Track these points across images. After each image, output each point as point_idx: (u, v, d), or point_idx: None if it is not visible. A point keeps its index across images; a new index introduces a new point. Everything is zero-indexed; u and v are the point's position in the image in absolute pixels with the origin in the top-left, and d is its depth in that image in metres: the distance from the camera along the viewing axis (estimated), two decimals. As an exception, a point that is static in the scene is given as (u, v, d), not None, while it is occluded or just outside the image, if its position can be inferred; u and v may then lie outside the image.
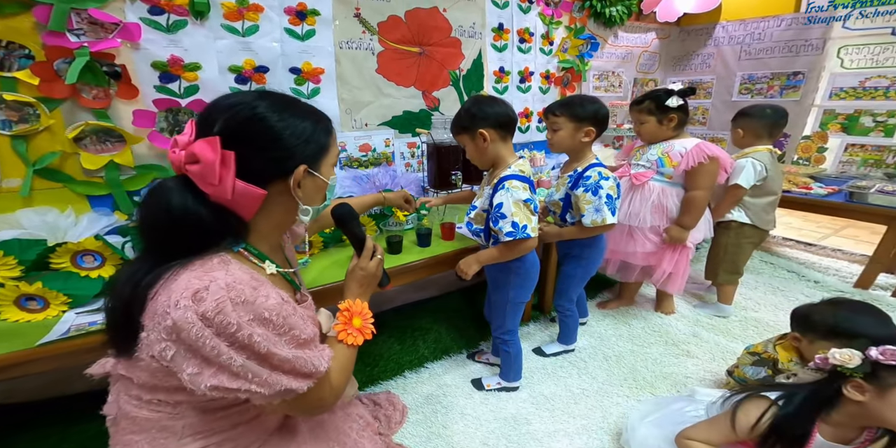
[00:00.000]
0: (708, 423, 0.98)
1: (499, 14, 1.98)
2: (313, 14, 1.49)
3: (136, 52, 1.27)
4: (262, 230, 0.65)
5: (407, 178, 1.89)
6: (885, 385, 0.72)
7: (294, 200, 0.63)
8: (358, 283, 0.81)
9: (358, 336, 0.73)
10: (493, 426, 1.30)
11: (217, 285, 0.50)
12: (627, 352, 1.63)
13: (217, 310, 0.49)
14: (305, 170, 0.61)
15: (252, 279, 0.55)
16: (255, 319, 0.52)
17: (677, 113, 1.48)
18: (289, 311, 0.57)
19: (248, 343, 0.51)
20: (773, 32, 2.56)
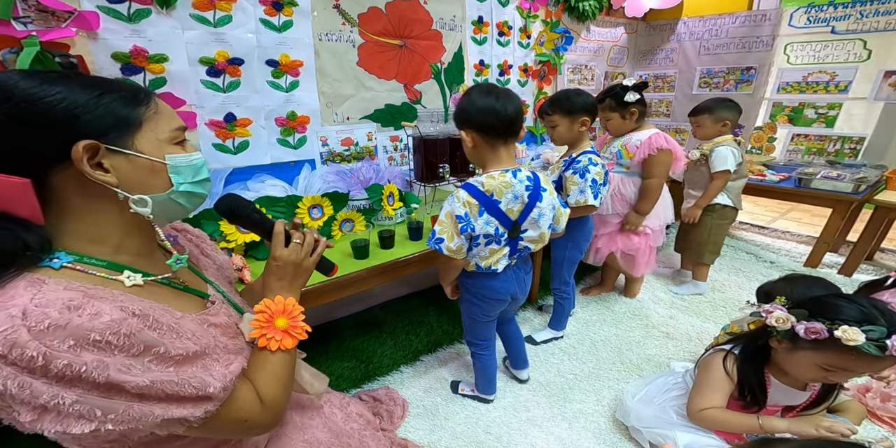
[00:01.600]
0: (703, 389, 1.05)
1: (478, 7, 1.94)
2: (290, 5, 1.40)
3: (93, 43, 1.14)
4: (91, 234, 0.51)
5: (391, 172, 1.84)
6: (796, 347, 0.90)
7: (109, 189, 0.49)
8: (275, 276, 0.67)
9: (285, 338, 0.61)
10: (494, 415, 1.32)
11: (6, 314, 0.39)
12: (612, 336, 1.70)
13: (9, 343, 0.38)
14: (94, 146, 0.47)
15: (74, 298, 0.43)
16: (78, 345, 0.41)
17: (637, 106, 1.56)
18: (138, 327, 0.45)
19: (74, 374, 0.40)
20: (729, 29, 2.67)
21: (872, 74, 2.37)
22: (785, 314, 0.89)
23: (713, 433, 1.04)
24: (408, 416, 1.31)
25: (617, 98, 1.57)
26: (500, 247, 1.06)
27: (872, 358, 0.78)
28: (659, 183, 1.62)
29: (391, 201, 1.57)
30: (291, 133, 1.55)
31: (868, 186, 2.01)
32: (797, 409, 1.01)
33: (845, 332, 0.79)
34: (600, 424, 1.28)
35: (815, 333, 0.83)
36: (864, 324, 0.80)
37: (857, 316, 0.82)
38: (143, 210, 0.51)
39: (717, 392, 1.03)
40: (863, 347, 0.78)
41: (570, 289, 1.63)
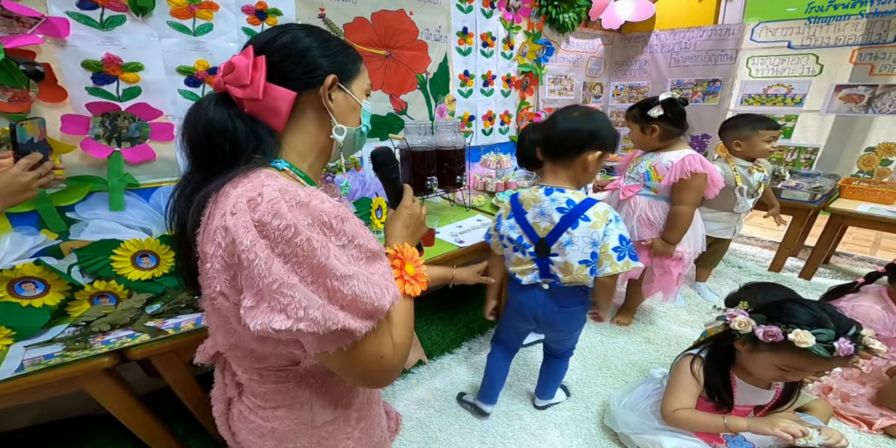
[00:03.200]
0: (673, 391, 1.11)
1: (463, 18, 1.95)
2: (274, 14, 1.35)
3: (62, 50, 1.06)
4: (300, 149, 0.62)
5: (377, 184, 1.82)
6: (756, 349, 0.96)
7: (326, 117, 0.61)
8: (403, 223, 0.73)
9: (415, 284, 0.63)
10: (487, 425, 1.34)
11: (270, 189, 0.46)
12: (597, 342, 1.75)
13: (273, 211, 0.44)
14: (335, 80, 0.60)
15: (303, 186, 0.51)
16: (314, 223, 0.46)
17: (660, 124, 1.45)
18: (348, 215, 0.50)
19: (307, 252, 0.44)
20: (697, 42, 2.80)
21: (825, 88, 2.54)
22: (746, 318, 0.95)
23: (696, 436, 1.09)
24: (401, 429, 1.30)
25: (642, 109, 1.47)
26: (526, 258, 1.10)
27: (823, 358, 0.86)
28: (690, 211, 1.47)
29: (379, 214, 1.55)
30: (276, 144, 1.50)
31: (823, 195, 2.16)
32: (765, 409, 1.08)
33: (797, 335, 0.86)
34: (590, 430, 1.31)
35: (772, 336, 0.90)
36: (814, 327, 0.87)
37: (809, 320, 0.89)
38: (339, 137, 0.62)
39: (686, 394, 1.08)
40: (813, 349, 0.85)
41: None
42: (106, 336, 1.01)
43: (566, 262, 1.03)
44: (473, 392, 1.47)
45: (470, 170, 2.00)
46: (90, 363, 0.93)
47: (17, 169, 0.81)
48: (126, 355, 0.97)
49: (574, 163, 1.01)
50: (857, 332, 0.87)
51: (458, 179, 1.73)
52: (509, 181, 2.13)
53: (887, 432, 1.26)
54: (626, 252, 1.01)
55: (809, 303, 0.93)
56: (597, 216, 1.00)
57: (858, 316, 1.37)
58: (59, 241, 1.14)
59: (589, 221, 0.99)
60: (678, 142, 1.53)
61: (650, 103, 1.46)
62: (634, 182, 1.61)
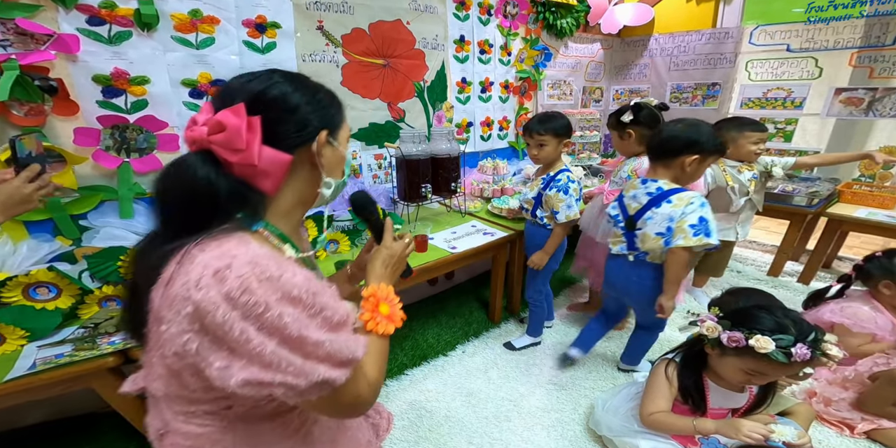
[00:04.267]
0: (650, 395, 1.15)
1: (460, 26, 1.99)
2: (274, 27, 1.41)
3: (73, 65, 1.13)
4: (284, 208, 0.61)
5: (375, 191, 1.87)
6: (724, 354, 1.00)
7: (316, 172, 0.60)
8: (383, 263, 0.74)
9: (388, 324, 0.66)
10: (476, 426, 1.37)
11: (239, 261, 0.46)
12: (588, 345, 1.77)
13: (242, 288, 0.44)
14: (327, 135, 0.59)
15: (275, 258, 0.51)
16: (283, 298, 0.47)
17: (634, 128, 1.49)
18: (318, 289, 0.51)
19: (279, 325, 0.46)
20: (696, 46, 2.81)
21: (824, 91, 2.53)
22: (714, 324, 1.00)
23: (672, 439, 1.12)
24: (393, 429, 1.34)
25: (617, 116, 1.53)
26: (618, 231, 1.35)
27: (782, 363, 0.89)
28: None
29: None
30: (276, 152, 1.55)
31: (821, 200, 2.16)
32: (740, 412, 1.10)
33: (758, 340, 0.90)
34: (576, 432, 1.34)
35: (735, 342, 0.94)
36: (776, 333, 0.91)
37: (772, 326, 0.92)
38: (327, 191, 0.62)
39: (661, 397, 1.12)
40: (771, 354, 0.89)
41: (545, 297, 1.71)
42: (112, 337, 1.07)
43: (644, 233, 1.26)
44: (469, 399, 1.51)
45: (467, 176, 2.04)
46: (97, 362, 0.99)
47: (17, 181, 0.86)
48: (129, 355, 1.03)
49: (673, 164, 1.21)
50: (817, 338, 0.90)
51: (452, 186, 1.78)
52: (506, 187, 2.16)
53: (869, 436, 1.28)
54: (703, 231, 1.15)
55: (775, 309, 0.97)
56: (680, 200, 1.18)
57: (849, 317, 1.38)
58: (73, 247, 1.20)
59: (671, 203, 1.19)
60: None
61: (622, 110, 1.51)
62: (617, 186, 1.63)
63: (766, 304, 1.00)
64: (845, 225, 2.10)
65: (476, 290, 2.23)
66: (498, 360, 1.69)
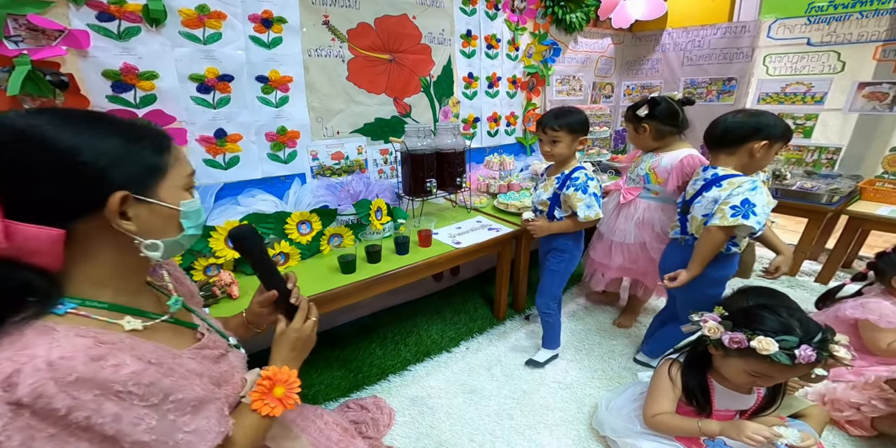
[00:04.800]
0: (653, 396, 1.13)
1: (467, 21, 1.98)
2: (280, 22, 1.42)
3: (84, 61, 1.15)
4: (97, 278, 0.51)
5: (381, 186, 1.87)
6: (727, 354, 0.98)
7: (126, 236, 0.49)
8: (290, 346, 0.71)
9: (276, 407, 0.64)
10: (477, 423, 1.36)
11: (33, 366, 0.39)
12: (595, 345, 1.75)
13: (35, 394, 0.38)
14: (126, 197, 0.47)
15: (94, 346, 0.44)
16: (102, 394, 0.42)
17: (650, 123, 1.45)
18: (157, 376, 0.47)
19: (88, 425, 0.41)
20: (711, 40, 2.74)
21: (847, 86, 2.44)
22: (716, 324, 0.97)
23: (675, 440, 1.09)
24: (394, 425, 1.34)
25: (633, 110, 1.49)
26: (676, 216, 1.39)
27: (787, 366, 0.86)
28: None
29: (379, 216, 1.59)
30: (282, 148, 1.57)
31: (841, 197, 2.08)
32: (748, 413, 1.07)
33: (760, 342, 0.88)
34: (580, 432, 1.32)
35: (737, 343, 0.91)
36: (780, 334, 0.88)
37: (776, 326, 0.89)
38: (154, 254, 0.52)
39: (664, 398, 1.09)
40: (774, 356, 0.86)
41: (558, 304, 1.59)
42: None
43: (692, 216, 1.30)
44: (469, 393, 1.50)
45: (473, 171, 2.03)
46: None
47: None
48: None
49: (739, 151, 1.22)
50: (825, 338, 0.87)
51: (458, 181, 1.77)
52: (513, 183, 2.15)
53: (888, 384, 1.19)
54: (742, 213, 1.14)
55: (780, 309, 0.94)
56: (730, 184, 1.19)
57: (873, 312, 1.34)
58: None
59: (720, 187, 1.21)
60: (677, 141, 1.51)
61: (639, 103, 1.48)
62: (635, 184, 1.60)
63: (770, 304, 0.97)
64: (866, 223, 2.03)
65: (481, 287, 2.22)
66: (502, 357, 1.68)
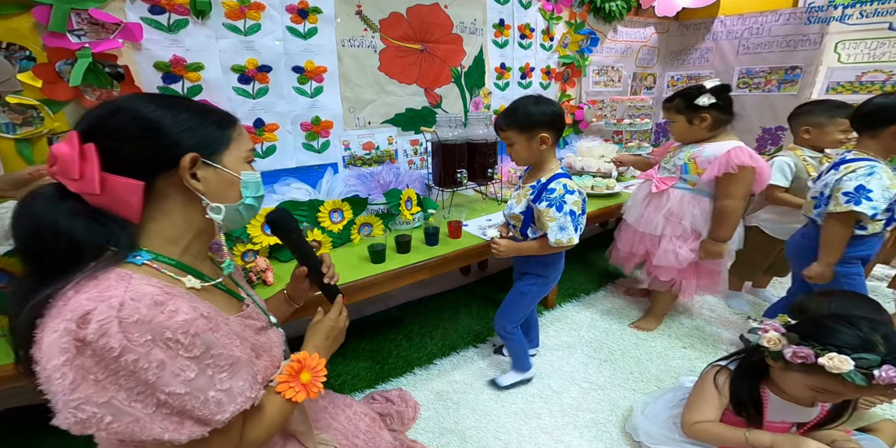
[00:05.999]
0: (695, 403, 1.06)
1: (500, 10, 1.98)
2: (315, 12, 1.48)
3: (138, 53, 1.25)
4: (169, 235, 0.58)
5: (410, 176, 1.89)
6: (788, 367, 0.90)
7: (196, 197, 0.57)
8: (324, 335, 0.76)
9: (300, 392, 0.66)
10: (503, 421, 1.33)
11: (107, 305, 0.44)
12: (631, 345, 1.67)
13: (101, 332, 0.43)
14: (196, 158, 0.55)
15: (159, 293, 0.49)
16: (153, 340, 0.46)
17: (710, 112, 1.37)
18: (204, 329, 0.51)
19: (133, 370, 0.45)
20: (772, 27, 2.58)
21: (934, 72, 2.21)
22: (777, 336, 0.89)
23: None
24: (418, 419, 1.34)
25: (687, 99, 1.39)
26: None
27: (860, 386, 0.77)
28: (738, 205, 1.39)
29: (409, 206, 1.61)
30: (316, 137, 1.63)
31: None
32: (807, 426, 0.98)
33: (831, 359, 0.79)
34: (612, 435, 1.26)
35: (802, 358, 0.84)
36: (859, 351, 0.78)
37: (854, 342, 0.80)
38: (216, 217, 0.59)
39: (708, 406, 1.03)
40: (847, 376, 0.77)
41: (517, 334, 1.40)
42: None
43: (808, 199, 1.34)
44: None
45: (503, 163, 2.02)
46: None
47: None
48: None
49: (881, 134, 1.20)
50: None
51: (489, 172, 1.76)
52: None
53: None
54: (854, 199, 1.14)
55: (862, 322, 0.84)
56: (846, 168, 1.20)
57: None
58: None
59: (837, 171, 1.21)
60: (724, 132, 1.45)
61: (694, 92, 1.38)
62: (669, 174, 1.52)
63: (850, 315, 0.88)
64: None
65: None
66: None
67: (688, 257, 1.50)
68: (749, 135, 2.68)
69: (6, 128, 1.11)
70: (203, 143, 0.57)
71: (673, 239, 1.52)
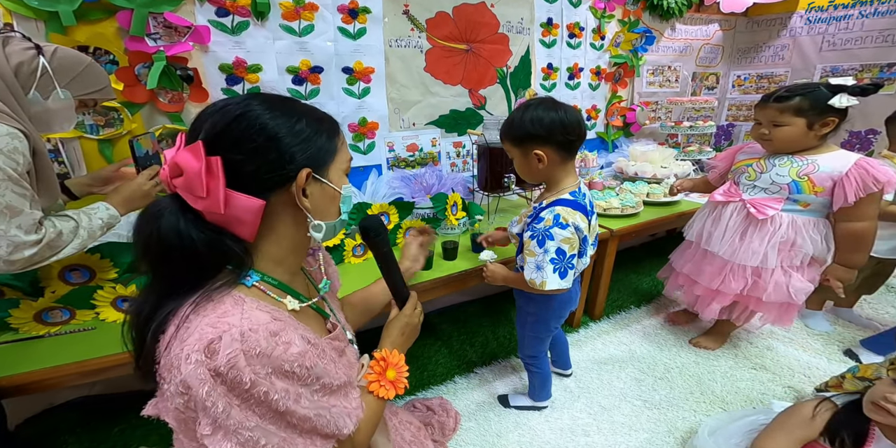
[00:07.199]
0: (775, 428, 0.99)
1: (548, 8, 1.98)
2: (364, 12, 1.55)
3: (205, 55, 1.35)
4: (275, 255, 0.58)
5: (454, 179, 1.91)
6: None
7: (302, 215, 0.56)
8: (401, 331, 0.78)
9: (390, 389, 0.69)
10: (548, 437, 1.28)
11: (230, 336, 0.46)
12: (691, 363, 1.56)
13: (230, 365, 0.45)
14: (309, 174, 0.54)
15: (272, 321, 0.50)
16: (273, 372, 0.48)
17: (839, 116, 1.19)
18: (315, 359, 0.53)
19: (265, 400, 0.47)
20: (865, 21, 2.40)
21: None
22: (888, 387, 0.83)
23: None
24: (459, 430, 1.32)
25: (817, 99, 1.17)
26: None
27: None
28: (874, 225, 1.24)
29: (455, 211, 1.61)
30: (362, 139, 1.69)
31: None
32: None
33: None
34: (671, 459, 1.18)
35: None
36: None
37: None
38: (317, 235, 0.58)
39: (785, 436, 0.97)
40: None
41: (540, 362, 1.33)
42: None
43: None
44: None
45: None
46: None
47: (141, 179, 1.00)
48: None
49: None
50: None
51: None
52: (594, 181, 2.05)
53: None
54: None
55: None
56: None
57: None
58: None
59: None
60: (826, 142, 1.29)
61: (823, 90, 1.18)
62: (770, 194, 1.31)
63: None
64: None
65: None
66: (576, 367, 1.58)
67: (803, 289, 1.34)
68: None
69: (91, 129, 1.23)
70: (317, 156, 0.55)
71: (789, 270, 1.35)
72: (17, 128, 0.80)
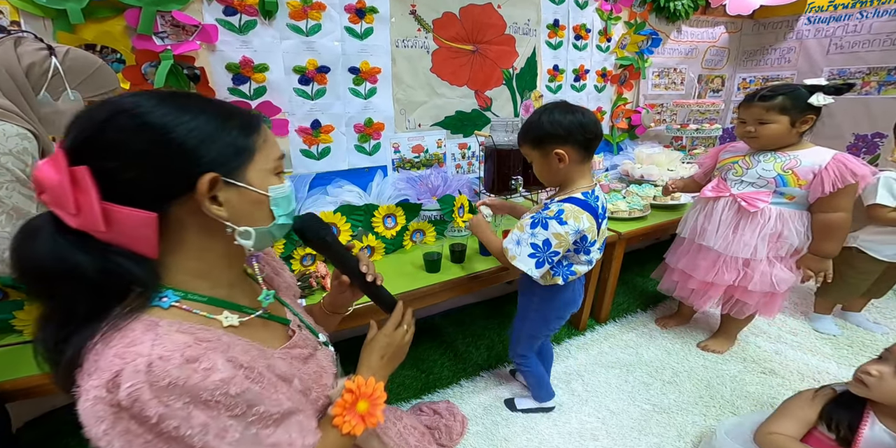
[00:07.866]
0: (778, 413, 1.04)
1: (554, 10, 2.00)
2: (372, 11, 1.56)
3: (212, 55, 1.36)
4: (195, 269, 0.52)
5: (459, 181, 1.92)
6: None
7: (218, 222, 0.49)
8: (380, 353, 0.70)
9: (358, 425, 0.61)
10: (556, 441, 1.29)
11: (134, 367, 0.41)
12: (699, 367, 1.58)
13: (132, 398, 0.40)
14: (215, 179, 0.47)
15: (191, 345, 0.45)
16: (192, 403, 0.43)
17: (816, 114, 1.29)
18: (245, 384, 0.47)
19: (175, 436, 0.42)
20: (873, 24, 2.42)
21: None
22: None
23: None
24: (466, 434, 1.32)
25: (797, 98, 1.27)
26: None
27: None
28: (849, 218, 1.33)
29: (461, 213, 1.62)
30: (368, 139, 1.70)
31: None
32: None
33: None
34: (683, 464, 1.18)
35: None
36: None
37: None
38: (246, 243, 0.52)
39: (790, 419, 1.02)
40: None
41: (530, 361, 1.36)
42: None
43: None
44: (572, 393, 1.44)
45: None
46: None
47: None
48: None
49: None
50: None
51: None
52: (601, 183, 2.07)
53: None
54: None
55: None
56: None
57: None
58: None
59: None
60: (803, 139, 1.38)
61: (802, 90, 1.28)
62: (757, 188, 1.39)
63: None
64: None
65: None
66: (583, 371, 1.59)
67: (786, 279, 1.42)
68: (838, 142, 2.51)
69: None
70: (223, 158, 0.48)
71: (773, 261, 1.43)
72: (27, 129, 0.80)
